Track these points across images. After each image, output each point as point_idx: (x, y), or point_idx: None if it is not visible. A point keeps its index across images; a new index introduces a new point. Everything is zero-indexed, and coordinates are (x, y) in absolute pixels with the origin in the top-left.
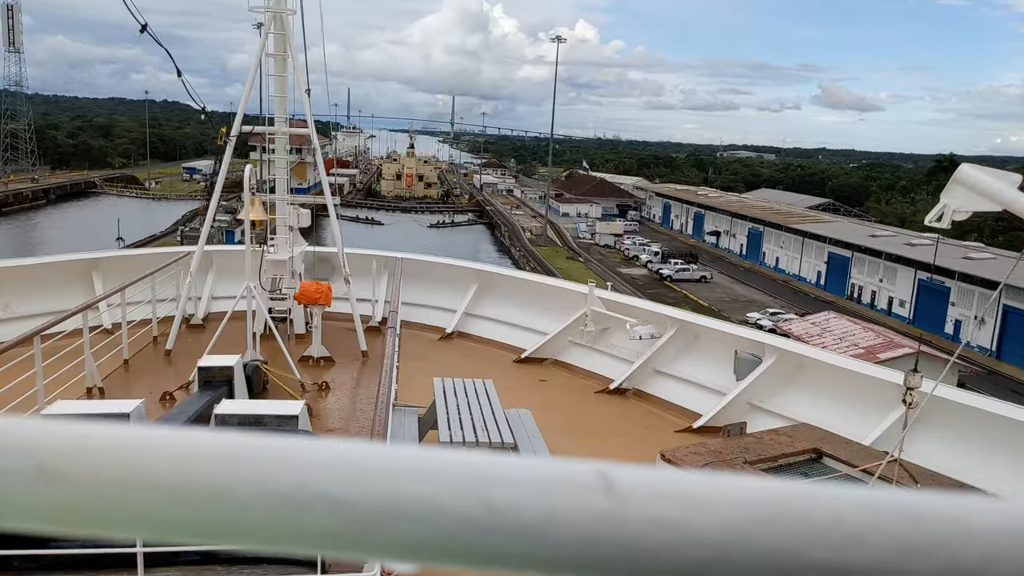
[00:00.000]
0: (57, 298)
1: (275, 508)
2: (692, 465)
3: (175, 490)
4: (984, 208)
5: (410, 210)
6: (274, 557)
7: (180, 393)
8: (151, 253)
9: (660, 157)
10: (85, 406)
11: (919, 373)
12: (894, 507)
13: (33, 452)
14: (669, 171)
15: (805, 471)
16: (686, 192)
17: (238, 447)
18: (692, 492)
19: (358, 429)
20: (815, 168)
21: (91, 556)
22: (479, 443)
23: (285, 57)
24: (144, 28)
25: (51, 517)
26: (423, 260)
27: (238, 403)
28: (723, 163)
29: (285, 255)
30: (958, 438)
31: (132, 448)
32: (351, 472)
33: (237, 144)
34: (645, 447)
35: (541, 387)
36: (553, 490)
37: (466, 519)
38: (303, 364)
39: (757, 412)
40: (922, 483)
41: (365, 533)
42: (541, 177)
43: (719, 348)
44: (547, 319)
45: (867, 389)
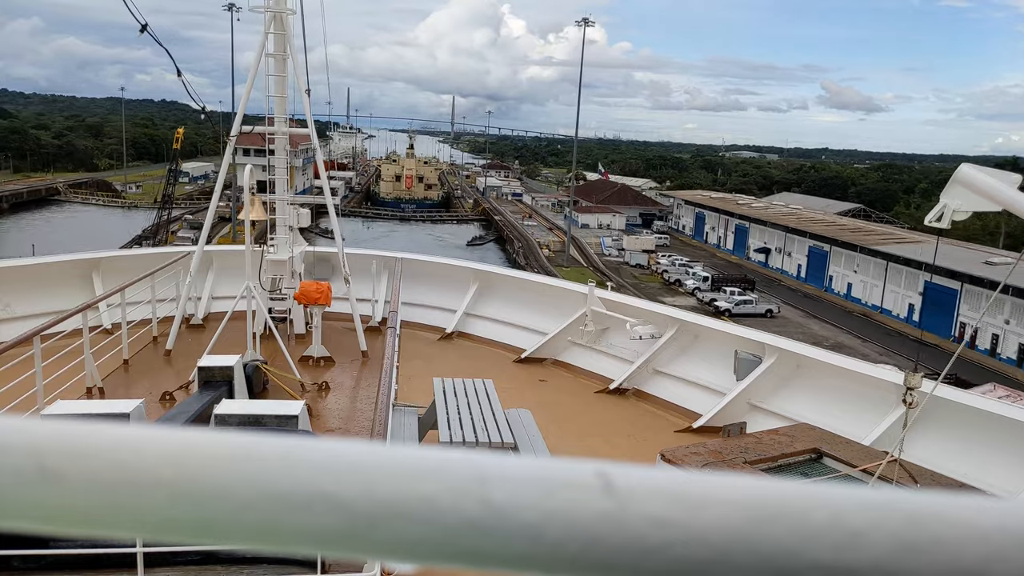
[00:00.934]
0: (57, 298)
1: (275, 508)
2: (692, 465)
3: (175, 490)
4: (984, 208)
5: (408, 219)
6: (274, 557)
7: (180, 393)
8: (151, 253)
9: (666, 158)
10: (85, 406)
11: (919, 373)
12: (894, 507)
13: (33, 452)
14: (676, 172)
15: (805, 471)
16: (724, 201)
17: (238, 447)
18: (692, 492)
19: (358, 429)
20: (830, 169)
21: (91, 556)
22: (479, 443)
23: (285, 57)
24: (144, 28)
25: (51, 517)
26: (423, 260)
27: (238, 403)
28: (731, 164)
29: (285, 255)
30: (958, 438)
31: (132, 448)
32: (351, 472)
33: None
34: (645, 447)
35: (541, 387)
36: (553, 490)
37: (466, 519)
38: (303, 364)
39: (757, 412)
40: (922, 483)
41: (365, 533)
42: (544, 179)
43: (719, 348)
44: (547, 319)
45: (867, 389)
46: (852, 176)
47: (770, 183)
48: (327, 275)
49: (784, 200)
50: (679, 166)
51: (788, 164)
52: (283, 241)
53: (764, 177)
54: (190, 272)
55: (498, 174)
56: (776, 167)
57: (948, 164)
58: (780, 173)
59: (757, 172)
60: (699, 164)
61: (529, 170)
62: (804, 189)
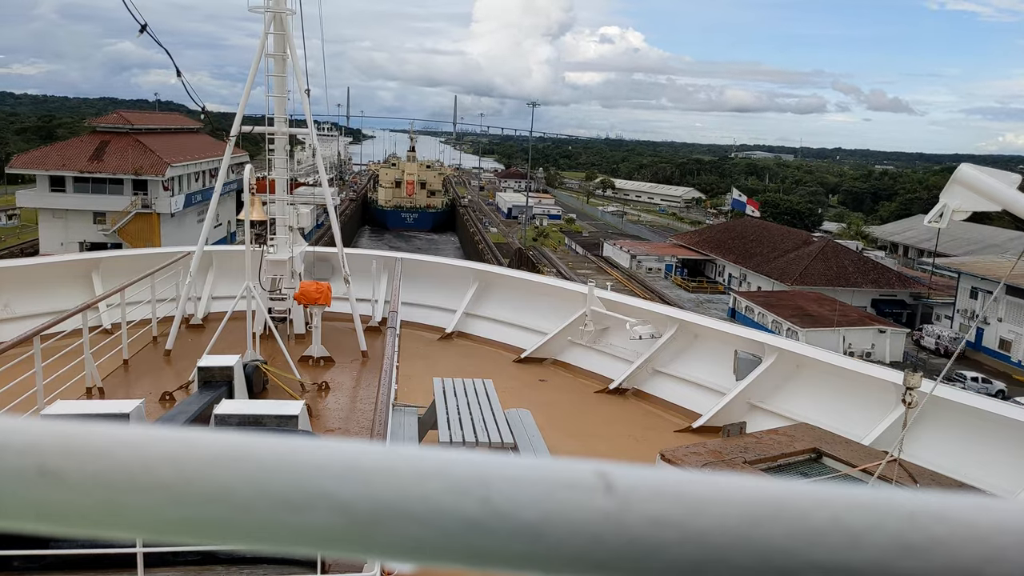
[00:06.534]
0: (57, 298)
1: (275, 508)
2: (692, 465)
3: (175, 490)
4: (984, 208)
5: (411, 236)
6: (274, 557)
7: (180, 393)
8: (151, 253)
9: (705, 162)
10: (85, 406)
11: (919, 372)
12: (893, 507)
13: (33, 453)
14: (718, 178)
15: (805, 471)
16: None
17: (238, 447)
18: (692, 492)
19: (358, 429)
20: (910, 177)
21: (91, 556)
22: (479, 443)
23: (285, 57)
24: (144, 28)
25: (51, 517)
26: (423, 260)
27: (238, 403)
28: (778, 169)
29: (285, 255)
30: (958, 438)
31: (132, 448)
32: (351, 472)
33: None
34: (645, 447)
35: (541, 387)
36: (553, 490)
37: (466, 519)
38: (303, 364)
39: (757, 412)
40: (922, 483)
41: (365, 533)
42: (567, 187)
43: (719, 348)
44: (547, 319)
45: (867, 389)
46: (921, 181)
47: (829, 189)
48: (327, 275)
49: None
50: (721, 171)
51: (855, 169)
52: (283, 241)
53: (822, 184)
54: (190, 272)
55: (517, 183)
56: (831, 172)
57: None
58: (846, 181)
59: (810, 178)
60: (742, 169)
61: (549, 177)
62: (873, 198)
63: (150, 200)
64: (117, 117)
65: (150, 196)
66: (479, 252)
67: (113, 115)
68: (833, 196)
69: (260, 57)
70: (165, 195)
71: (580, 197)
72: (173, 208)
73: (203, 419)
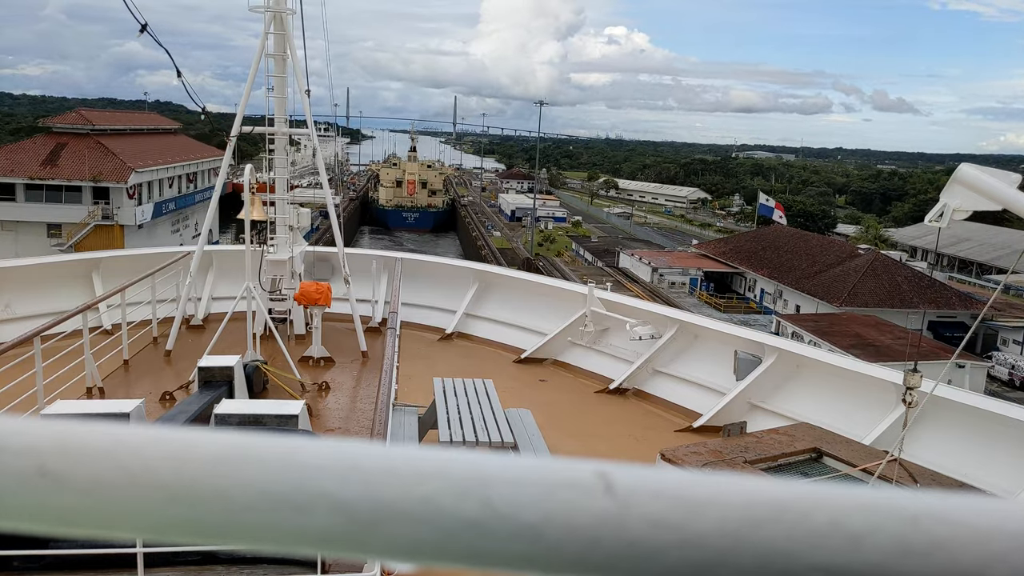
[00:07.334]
0: (57, 298)
1: (275, 508)
2: (692, 465)
3: (175, 490)
4: (984, 207)
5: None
6: (274, 557)
7: (180, 393)
8: (151, 253)
9: (709, 162)
10: (85, 406)
11: (919, 372)
12: (894, 507)
13: (34, 453)
14: (722, 178)
15: (805, 471)
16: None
17: (238, 447)
18: (692, 492)
19: (358, 429)
20: (920, 177)
21: (91, 556)
22: (479, 443)
23: (285, 57)
24: (144, 28)
25: (51, 517)
26: (423, 260)
27: (238, 403)
28: (784, 169)
29: (285, 255)
30: (958, 437)
31: (132, 449)
32: (351, 472)
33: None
34: (645, 447)
35: (541, 387)
36: (553, 490)
37: (466, 519)
38: (303, 364)
39: (757, 412)
40: (922, 483)
41: (365, 533)
42: (567, 187)
43: (719, 348)
44: (547, 319)
45: (867, 388)
46: (930, 182)
47: (837, 189)
48: (327, 275)
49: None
50: (726, 171)
51: (859, 170)
52: (283, 241)
53: (829, 184)
54: (190, 272)
55: (520, 184)
56: (836, 172)
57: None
58: (851, 180)
59: (817, 178)
60: (747, 169)
61: (551, 178)
62: (883, 199)
63: (111, 210)
64: (76, 116)
65: (112, 205)
66: (482, 259)
67: (72, 114)
68: (840, 196)
69: (260, 57)
70: (130, 204)
71: (583, 198)
72: (139, 219)
73: (203, 419)
